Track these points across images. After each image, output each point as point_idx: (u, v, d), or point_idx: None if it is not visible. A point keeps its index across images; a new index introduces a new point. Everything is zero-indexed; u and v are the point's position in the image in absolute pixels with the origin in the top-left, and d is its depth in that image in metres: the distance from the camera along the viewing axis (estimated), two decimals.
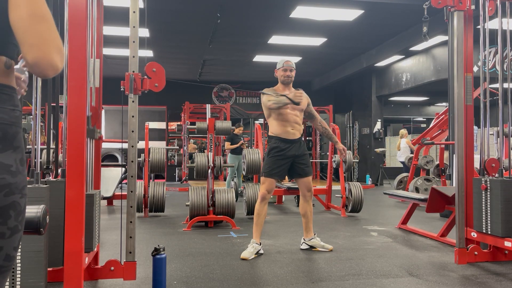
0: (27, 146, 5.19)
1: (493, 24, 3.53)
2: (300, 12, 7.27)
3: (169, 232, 4.93)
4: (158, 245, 2.69)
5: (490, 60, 7.82)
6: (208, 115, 5.63)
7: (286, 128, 3.85)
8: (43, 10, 0.99)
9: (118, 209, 6.68)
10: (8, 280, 2.31)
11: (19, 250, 2.32)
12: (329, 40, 9.02)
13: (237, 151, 8.15)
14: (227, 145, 8.20)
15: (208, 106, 5.74)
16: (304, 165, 3.92)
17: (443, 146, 7.57)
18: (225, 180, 11.75)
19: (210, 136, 5.57)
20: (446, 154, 7.45)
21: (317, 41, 9.12)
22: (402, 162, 10.06)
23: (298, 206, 7.05)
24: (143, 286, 2.90)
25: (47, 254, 2.47)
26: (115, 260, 2.81)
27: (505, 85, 3.59)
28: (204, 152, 5.95)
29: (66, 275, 2.36)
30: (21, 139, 1.05)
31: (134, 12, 2.76)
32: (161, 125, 13.49)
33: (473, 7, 3.55)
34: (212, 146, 5.53)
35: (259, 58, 10.62)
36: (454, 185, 4.96)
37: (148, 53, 9.71)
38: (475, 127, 4.70)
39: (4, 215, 0.94)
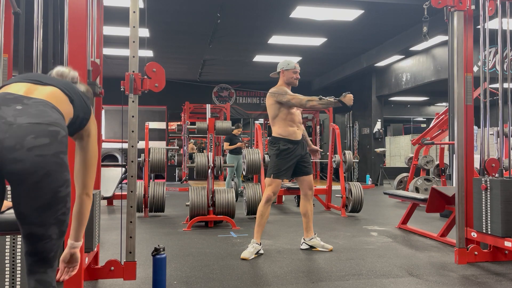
0: None
1: (493, 24, 3.53)
2: (300, 12, 7.27)
3: (169, 232, 4.93)
4: (158, 245, 2.69)
5: (490, 60, 7.82)
6: (208, 115, 5.63)
7: (293, 129, 3.86)
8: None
9: (118, 209, 6.68)
10: (8, 280, 2.31)
11: (19, 250, 2.32)
12: (329, 40, 9.02)
13: (236, 151, 8.16)
14: (226, 145, 8.22)
15: (208, 106, 5.74)
16: (307, 163, 3.97)
17: (443, 146, 7.58)
18: (225, 180, 11.78)
19: (210, 136, 5.57)
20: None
21: (317, 41, 9.12)
22: None
23: (298, 206, 7.05)
24: (143, 286, 2.90)
25: None
26: (115, 260, 2.81)
27: (505, 85, 3.59)
28: (203, 152, 5.93)
29: None
30: None
31: (134, 12, 2.76)
32: (161, 125, 13.49)
33: (473, 7, 3.55)
34: (212, 146, 5.52)
35: (259, 58, 10.62)
36: (454, 185, 4.97)
37: (148, 53, 9.71)
38: (475, 127, 4.70)
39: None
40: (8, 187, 2.17)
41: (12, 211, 1.68)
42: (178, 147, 12.08)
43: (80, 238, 1.72)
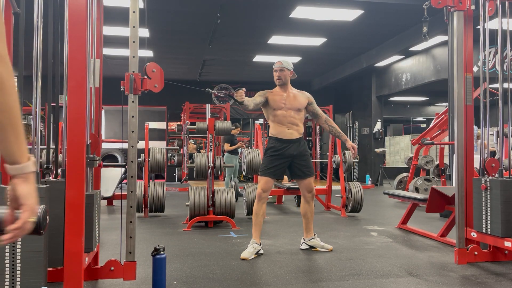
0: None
1: (493, 24, 3.53)
2: (300, 12, 7.27)
3: (169, 232, 4.93)
4: (158, 245, 2.69)
5: (490, 60, 7.82)
6: (208, 115, 5.63)
7: (282, 128, 3.86)
8: None
9: (118, 209, 6.68)
10: (8, 280, 2.31)
11: (19, 250, 2.32)
12: (329, 40, 9.02)
13: (235, 151, 8.20)
14: (227, 146, 8.22)
15: (208, 106, 5.74)
16: (303, 166, 3.89)
17: (443, 146, 7.57)
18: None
19: (210, 136, 5.57)
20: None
21: (317, 41, 9.12)
22: None
23: (298, 206, 7.05)
24: (143, 286, 2.90)
25: (47, 254, 2.47)
26: (115, 260, 2.81)
27: (505, 85, 3.59)
28: (200, 151, 5.93)
29: (66, 275, 2.36)
30: None
31: (134, 12, 2.76)
32: (161, 125, 13.49)
33: (473, 7, 3.55)
34: (212, 146, 5.52)
35: (259, 58, 10.62)
36: (454, 185, 4.97)
37: (148, 53, 9.71)
38: (475, 127, 4.70)
39: None
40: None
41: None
42: (178, 147, 12.08)
43: (13, 156, 0.94)
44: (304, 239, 4.04)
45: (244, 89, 3.55)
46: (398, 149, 16.87)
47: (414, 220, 5.44)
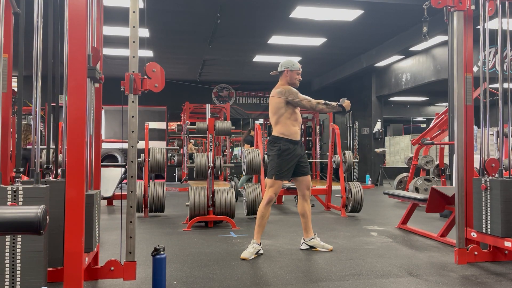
0: (27, 147, 5.19)
1: (493, 24, 3.53)
2: (300, 12, 7.27)
3: (169, 232, 4.93)
4: (158, 245, 2.69)
5: (490, 60, 7.82)
6: (208, 115, 5.63)
7: (295, 128, 3.90)
8: None
9: (118, 209, 6.68)
10: (8, 280, 2.31)
11: (19, 250, 2.32)
12: (329, 40, 9.02)
13: None
14: (247, 147, 8.29)
15: (208, 106, 5.74)
16: (305, 163, 3.99)
17: (443, 146, 7.57)
18: (224, 180, 11.77)
19: (210, 136, 5.57)
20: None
21: (317, 41, 9.12)
22: None
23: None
24: (143, 286, 2.90)
25: (47, 254, 2.47)
26: (115, 260, 2.81)
27: (505, 85, 3.59)
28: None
29: (66, 275, 2.36)
30: None
31: (134, 12, 2.76)
32: (161, 125, 13.49)
33: (473, 7, 3.55)
34: (212, 146, 5.52)
35: (259, 58, 10.62)
36: (454, 185, 4.97)
37: (148, 53, 9.71)
38: (475, 127, 4.70)
39: None
40: (14, 186, 2.16)
41: (12, 210, 1.67)
42: (178, 147, 12.07)
43: None
44: (304, 239, 4.04)
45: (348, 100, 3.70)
46: (398, 149, 16.87)
47: (414, 220, 5.44)
